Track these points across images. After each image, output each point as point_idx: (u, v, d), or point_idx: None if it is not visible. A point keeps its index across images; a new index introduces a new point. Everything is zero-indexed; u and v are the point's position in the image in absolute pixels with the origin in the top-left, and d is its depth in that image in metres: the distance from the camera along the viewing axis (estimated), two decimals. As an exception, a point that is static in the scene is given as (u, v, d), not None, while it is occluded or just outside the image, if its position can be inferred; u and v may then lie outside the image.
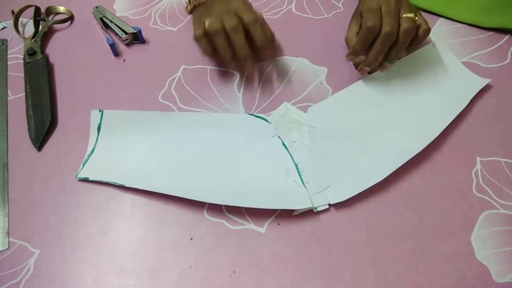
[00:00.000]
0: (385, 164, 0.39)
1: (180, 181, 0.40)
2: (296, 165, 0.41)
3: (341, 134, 0.43)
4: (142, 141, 0.44)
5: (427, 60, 0.48)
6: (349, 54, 0.47)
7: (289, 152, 0.42)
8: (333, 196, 0.38)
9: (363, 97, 0.46)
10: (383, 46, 0.42)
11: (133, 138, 0.44)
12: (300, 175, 0.40)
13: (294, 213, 0.38)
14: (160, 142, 0.44)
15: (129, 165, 0.42)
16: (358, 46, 0.45)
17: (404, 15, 0.42)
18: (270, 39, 0.50)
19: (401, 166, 0.39)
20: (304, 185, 0.39)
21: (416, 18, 0.43)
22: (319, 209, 0.38)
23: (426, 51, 0.48)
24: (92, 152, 0.44)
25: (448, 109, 0.43)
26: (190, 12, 0.50)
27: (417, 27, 0.43)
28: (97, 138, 0.45)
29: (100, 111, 0.46)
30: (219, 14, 0.45)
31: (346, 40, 0.50)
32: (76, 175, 0.42)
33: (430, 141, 0.40)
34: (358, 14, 0.47)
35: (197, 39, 0.46)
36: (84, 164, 0.43)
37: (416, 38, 0.44)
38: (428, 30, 0.44)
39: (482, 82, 0.45)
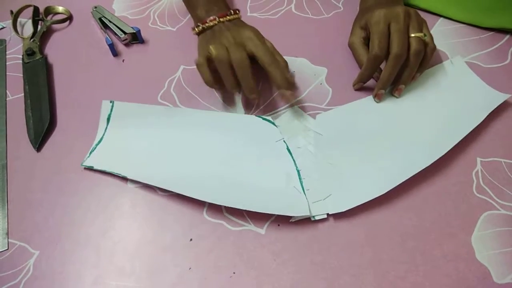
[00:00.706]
0: (389, 178, 0.38)
1: (180, 177, 0.40)
2: (298, 171, 0.40)
3: (348, 144, 0.42)
4: (149, 135, 0.44)
5: (443, 76, 0.47)
6: (357, 82, 0.46)
7: (292, 157, 0.41)
8: (332, 206, 0.38)
9: (375, 109, 0.45)
10: (394, 67, 0.43)
11: (141, 131, 0.45)
12: (301, 182, 0.39)
13: (291, 220, 0.38)
14: (166, 137, 0.44)
15: (134, 157, 0.43)
16: (366, 73, 0.45)
17: (413, 35, 0.42)
18: (290, 80, 0.43)
19: (401, 167, 0.39)
20: (304, 192, 0.39)
21: (425, 37, 0.43)
22: (317, 218, 0.38)
23: (442, 67, 0.48)
24: (99, 141, 0.44)
25: (461, 125, 0.41)
26: (198, 34, 0.48)
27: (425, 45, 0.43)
28: (106, 128, 0.45)
29: (111, 102, 0.47)
30: (226, 43, 0.43)
31: (350, 45, 0.49)
32: (82, 163, 0.43)
33: (438, 156, 0.38)
34: (362, 20, 0.47)
35: (198, 65, 0.43)
36: (90, 153, 0.43)
37: (424, 57, 0.44)
38: (434, 48, 0.44)
39: (500, 97, 0.43)
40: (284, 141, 0.42)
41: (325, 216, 0.38)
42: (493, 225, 0.37)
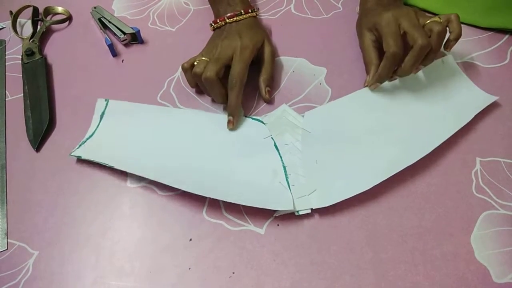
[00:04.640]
0: (373, 174, 0.39)
1: (168, 169, 0.41)
2: (284, 167, 0.41)
3: (335, 141, 0.42)
4: (141, 132, 0.45)
5: (433, 75, 0.46)
6: (374, 81, 0.45)
7: (279, 153, 0.42)
8: (316, 202, 0.38)
9: (363, 106, 0.45)
10: (418, 58, 0.41)
11: (133, 128, 0.45)
12: (286, 178, 0.40)
13: (275, 214, 0.38)
14: (158, 134, 0.45)
15: (124, 151, 0.43)
16: (384, 73, 0.44)
17: (428, 21, 0.43)
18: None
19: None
20: (290, 188, 0.39)
21: (441, 20, 0.43)
22: (301, 213, 0.38)
23: (433, 66, 0.47)
24: (91, 136, 0.45)
25: (447, 125, 0.42)
26: (213, 31, 0.51)
27: None
28: (98, 124, 0.46)
29: (106, 100, 0.47)
30: (212, 53, 0.45)
31: (362, 47, 0.48)
32: (70, 153, 0.43)
33: (423, 155, 0.39)
34: (369, 23, 0.46)
35: (183, 70, 0.46)
36: (80, 145, 0.44)
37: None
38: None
39: (488, 99, 0.44)
40: (272, 138, 0.43)
41: (309, 211, 0.38)
42: (493, 224, 0.37)
